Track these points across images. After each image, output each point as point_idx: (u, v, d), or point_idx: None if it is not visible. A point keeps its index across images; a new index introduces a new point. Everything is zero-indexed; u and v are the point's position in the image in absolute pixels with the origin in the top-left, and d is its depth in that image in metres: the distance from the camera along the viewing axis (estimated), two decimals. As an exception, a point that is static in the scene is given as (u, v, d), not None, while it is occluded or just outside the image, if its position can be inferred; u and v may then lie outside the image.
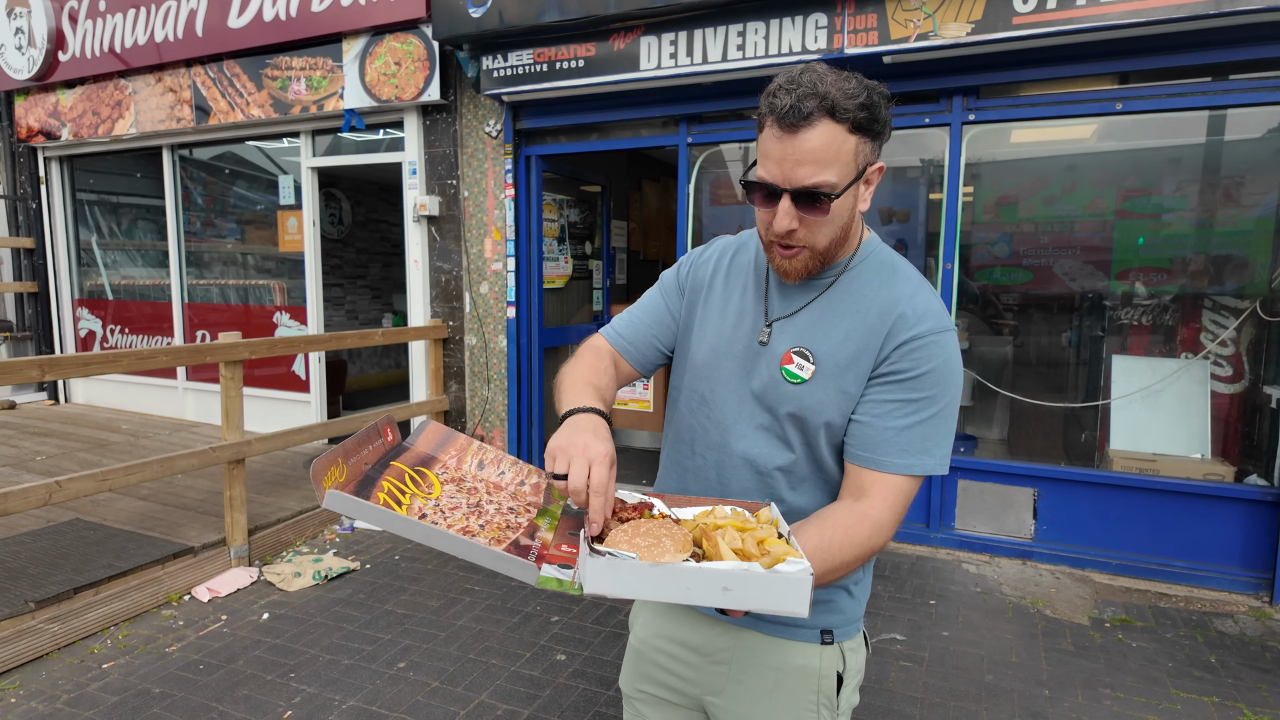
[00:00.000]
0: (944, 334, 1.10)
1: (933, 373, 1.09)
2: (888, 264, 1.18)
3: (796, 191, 1.03)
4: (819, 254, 1.12)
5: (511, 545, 0.94)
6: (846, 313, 1.15)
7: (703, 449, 1.25)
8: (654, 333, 1.34)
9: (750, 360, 1.20)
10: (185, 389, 6.79)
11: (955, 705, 2.73)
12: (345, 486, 0.93)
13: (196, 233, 6.82)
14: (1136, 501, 3.82)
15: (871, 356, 1.12)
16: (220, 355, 3.73)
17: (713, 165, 4.86)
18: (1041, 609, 3.50)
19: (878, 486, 1.09)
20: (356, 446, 1.01)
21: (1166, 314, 4.03)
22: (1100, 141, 4.06)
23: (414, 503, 0.98)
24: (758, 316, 1.21)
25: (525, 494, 1.13)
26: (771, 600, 0.81)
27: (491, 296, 5.32)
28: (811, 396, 1.14)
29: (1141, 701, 2.76)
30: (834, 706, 1.22)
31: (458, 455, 1.16)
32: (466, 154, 5.26)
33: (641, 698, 1.36)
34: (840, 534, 1.03)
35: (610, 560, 0.81)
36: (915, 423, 1.09)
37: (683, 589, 0.81)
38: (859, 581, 1.24)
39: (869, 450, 1.10)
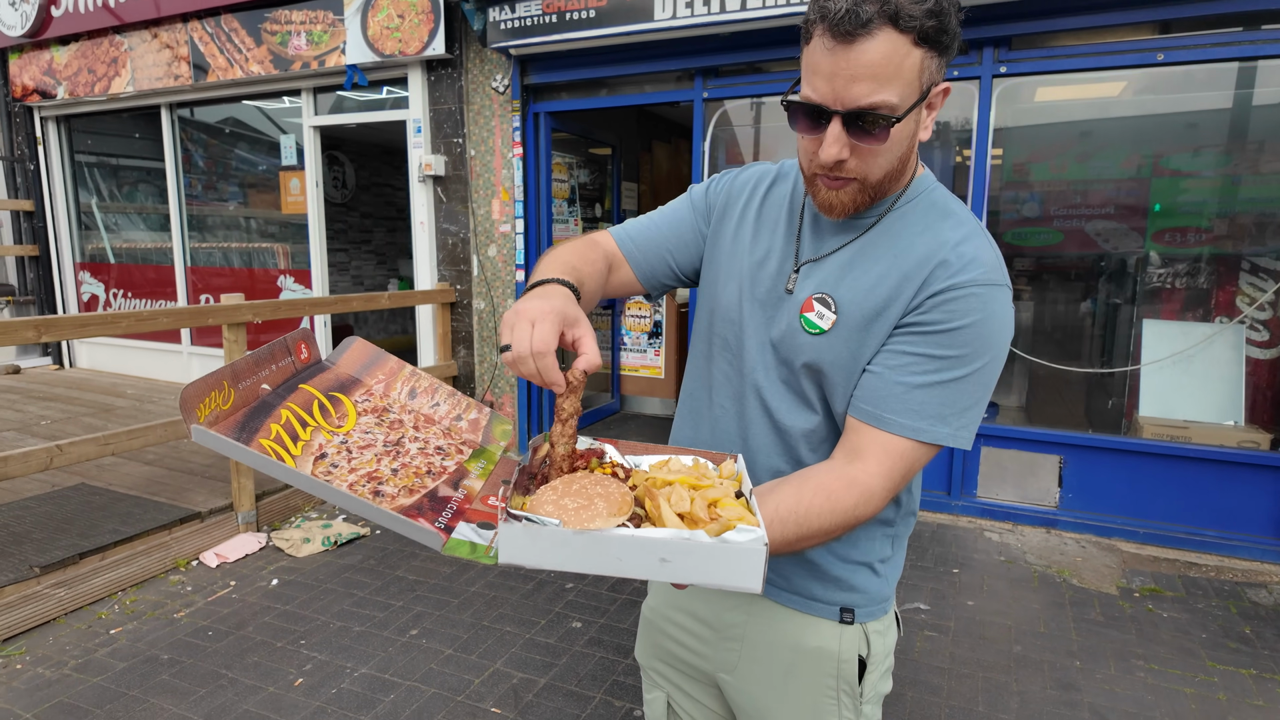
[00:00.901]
0: (990, 287, 0.94)
1: (968, 329, 0.93)
2: (940, 205, 1.02)
3: (850, 114, 0.88)
4: (870, 188, 0.96)
5: (426, 496, 0.80)
6: (882, 257, 1.00)
7: (722, 398, 1.13)
8: (670, 247, 1.18)
9: (773, 306, 1.07)
10: (190, 353, 6.70)
11: (984, 676, 2.66)
12: (226, 418, 0.77)
13: (198, 196, 6.67)
14: (1166, 469, 3.71)
15: (901, 305, 0.97)
16: (223, 318, 3.62)
17: (729, 122, 4.68)
18: (1068, 578, 3.41)
19: (875, 448, 0.95)
20: (253, 366, 0.84)
21: (1201, 277, 3.88)
22: (1137, 96, 3.88)
23: (315, 439, 0.83)
24: (786, 259, 1.08)
25: (461, 430, 0.98)
26: (717, 573, 0.69)
27: (500, 260, 5.18)
28: (830, 350, 1.00)
29: (1176, 674, 2.68)
30: (855, 693, 1.10)
31: (386, 380, 1.00)
32: (473, 111, 5.08)
33: (656, 669, 1.27)
34: (821, 499, 0.91)
35: (527, 527, 0.69)
36: (935, 383, 0.94)
37: (613, 559, 0.69)
38: (886, 559, 1.12)
39: (872, 404, 0.96)
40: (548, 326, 0.81)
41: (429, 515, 0.77)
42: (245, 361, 0.83)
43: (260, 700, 2.51)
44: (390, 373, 1.01)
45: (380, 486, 0.79)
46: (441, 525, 0.77)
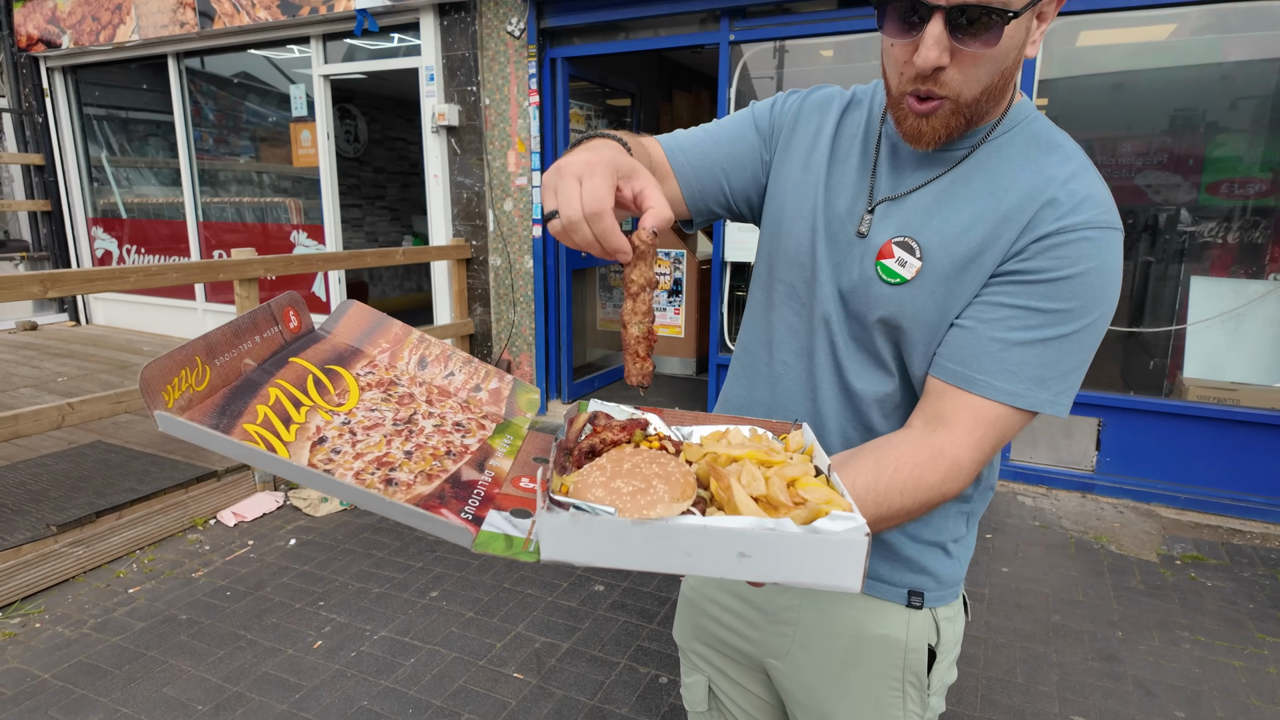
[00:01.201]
0: (1106, 231, 0.81)
1: (1079, 279, 0.80)
2: (1043, 137, 0.88)
3: (955, 8, 0.74)
4: (965, 109, 0.82)
5: (448, 482, 0.69)
6: (976, 194, 0.86)
7: (785, 354, 0.99)
8: (726, 166, 1.01)
9: (844, 252, 0.93)
10: (204, 310, 6.65)
11: (1022, 646, 2.57)
12: (202, 401, 0.64)
13: (209, 149, 6.53)
14: (1212, 433, 3.56)
15: (1000, 250, 0.83)
16: (234, 273, 3.51)
17: (757, 68, 4.45)
18: (1106, 544, 3.30)
19: (964, 414, 0.82)
20: (233, 338, 0.71)
21: (1256, 231, 3.67)
22: (1188, 39, 3.62)
23: (311, 420, 0.70)
24: (858, 196, 0.93)
25: (481, 402, 0.85)
26: (808, 569, 0.57)
27: (516, 214, 5.03)
28: (913, 302, 0.87)
29: (1224, 645, 2.57)
30: (923, 686, 1.00)
31: (391, 349, 0.87)
32: (487, 57, 4.88)
33: (697, 652, 1.17)
34: (904, 475, 0.78)
35: (576, 516, 0.56)
36: (1036, 339, 0.81)
37: (680, 555, 0.57)
38: (960, 538, 1.00)
39: (962, 363, 0.83)
40: (600, 180, 0.66)
41: (453, 505, 0.65)
42: (222, 333, 0.69)
43: (279, 663, 2.47)
44: (395, 340, 0.88)
45: (393, 474, 0.67)
46: (469, 516, 0.65)
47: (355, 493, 0.62)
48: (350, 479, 0.64)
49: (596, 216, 0.65)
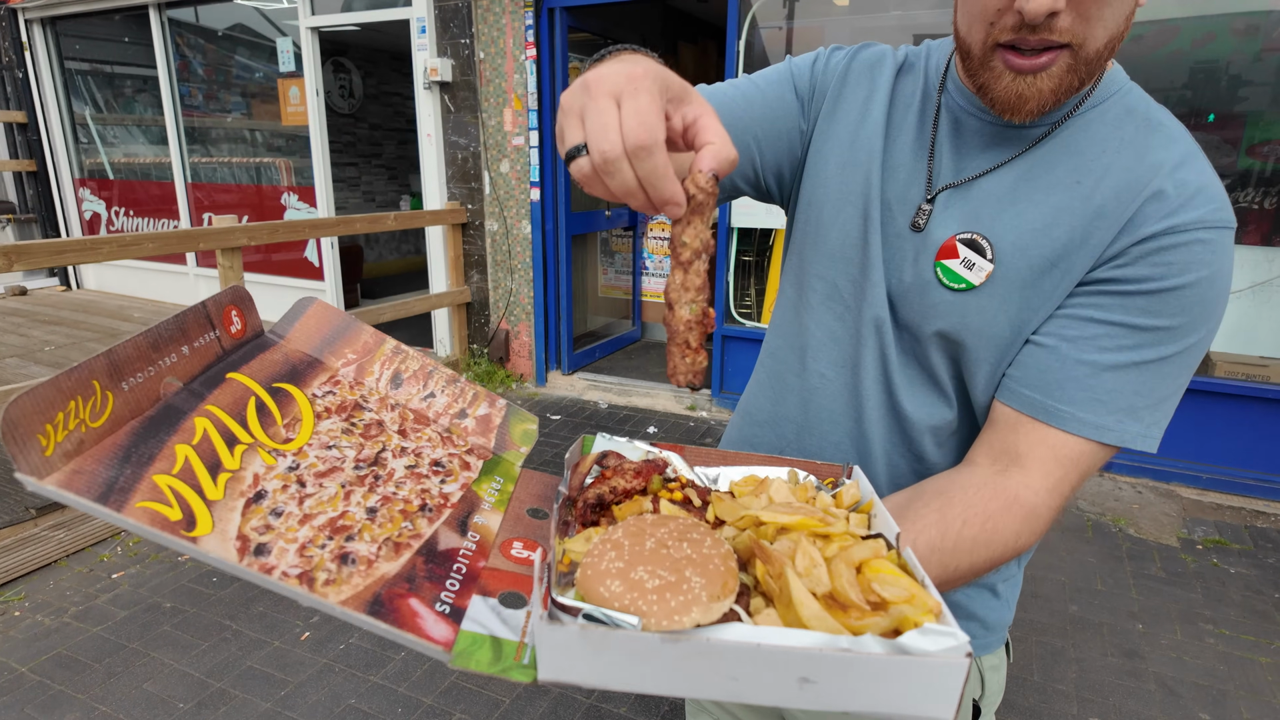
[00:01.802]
0: (1222, 231, 0.67)
1: (1189, 290, 0.66)
2: (1140, 113, 0.72)
3: None
4: (1083, 63, 0.64)
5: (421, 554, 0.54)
6: (1060, 182, 0.71)
7: (822, 364, 0.84)
8: (760, 133, 0.83)
9: (895, 247, 0.78)
10: (196, 275, 6.49)
11: (1038, 640, 2.46)
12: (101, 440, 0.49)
13: (197, 106, 6.29)
14: (1239, 411, 3.40)
15: (1092, 253, 0.69)
16: (215, 242, 3.35)
17: (768, 19, 4.19)
18: (1124, 527, 3.18)
19: (1042, 450, 0.69)
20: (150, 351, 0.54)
21: (1296, 196, 3.46)
22: (1238, -16, 3.35)
23: (249, 465, 0.55)
24: (913, 181, 0.77)
25: (466, 432, 0.70)
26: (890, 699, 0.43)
27: (513, 176, 4.81)
28: (980, 313, 0.73)
29: (1249, 640, 2.46)
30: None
31: (359, 361, 0.71)
32: (481, 7, 4.61)
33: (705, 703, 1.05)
34: (975, 528, 0.65)
35: (587, 631, 0.43)
36: (1133, 363, 0.67)
37: (725, 680, 0.43)
38: (1009, 578, 0.88)
39: (1042, 391, 0.69)
40: (647, 101, 0.48)
41: (425, 590, 0.51)
42: (135, 345, 0.53)
43: (265, 656, 2.38)
44: (364, 350, 0.72)
45: (349, 544, 0.52)
46: (446, 609, 0.51)
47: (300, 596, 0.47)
48: (292, 556, 0.49)
49: (645, 151, 0.48)
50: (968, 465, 0.74)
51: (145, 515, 0.46)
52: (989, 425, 0.74)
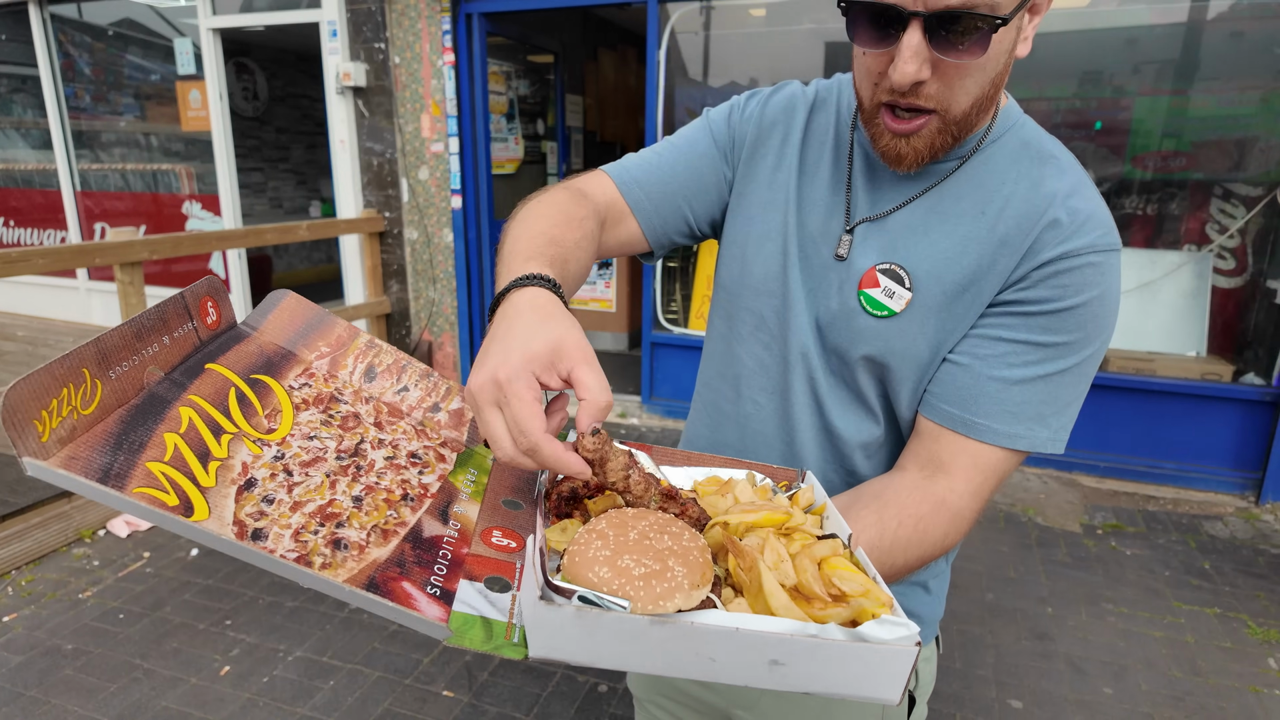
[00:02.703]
0: (1110, 254, 0.74)
1: (1083, 309, 0.73)
2: (1034, 145, 0.79)
3: (936, 15, 0.63)
4: (952, 124, 0.72)
5: (408, 540, 0.57)
6: (967, 213, 0.77)
7: (755, 392, 0.89)
8: (688, 194, 0.90)
9: (819, 277, 0.83)
10: (89, 289, 6.07)
11: (959, 629, 2.58)
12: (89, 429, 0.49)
13: (85, 108, 5.89)
14: (1129, 403, 3.67)
15: (999, 277, 0.75)
16: (113, 256, 3.14)
17: (687, 30, 4.25)
18: (1033, 516, 3.37)
19: (963, 459, 0.76)
20: (135, 340, 0.55)
21: (1174, 203, 3.75)
22: (1122, 6, 3.61)
23: (236, 454, 0.56)
24: (833, 214, 0.82)
25: (440, 425, 0.73)
26: (847, 682, 0.48)
27: (433, 183, 4.72)
28: (902, 338, 0.78)
29: (1145, 617, 2.65)
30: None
31: (332, 354, 0.72)
32: (396, 11, 4.50)
33: (657, 703, 1.08)
34: (909, 529, 0.72)
35: (582, 613, 0.47)
36: (1038, 376, 0.75)
37: (704, 660, 0.48)
38: (939, 574, 0.94)
39: (961, 406, 0.76)
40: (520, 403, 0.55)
41: (416, 575, 0.54)
42: (121, 334, 0.54)
43: (181, 695, 2.25)
44: (338, 343, 0.73)
45: (340, 530, 0.55)
46: (436, 592, 0.53)
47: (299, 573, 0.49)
48: (288, 540, 0.51)
49: (532, 452, 0.55)
50: (899, 471, 0.79)
51: (144, 499, 0.47)
52: (915, 436, 0.80)
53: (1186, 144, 3.63)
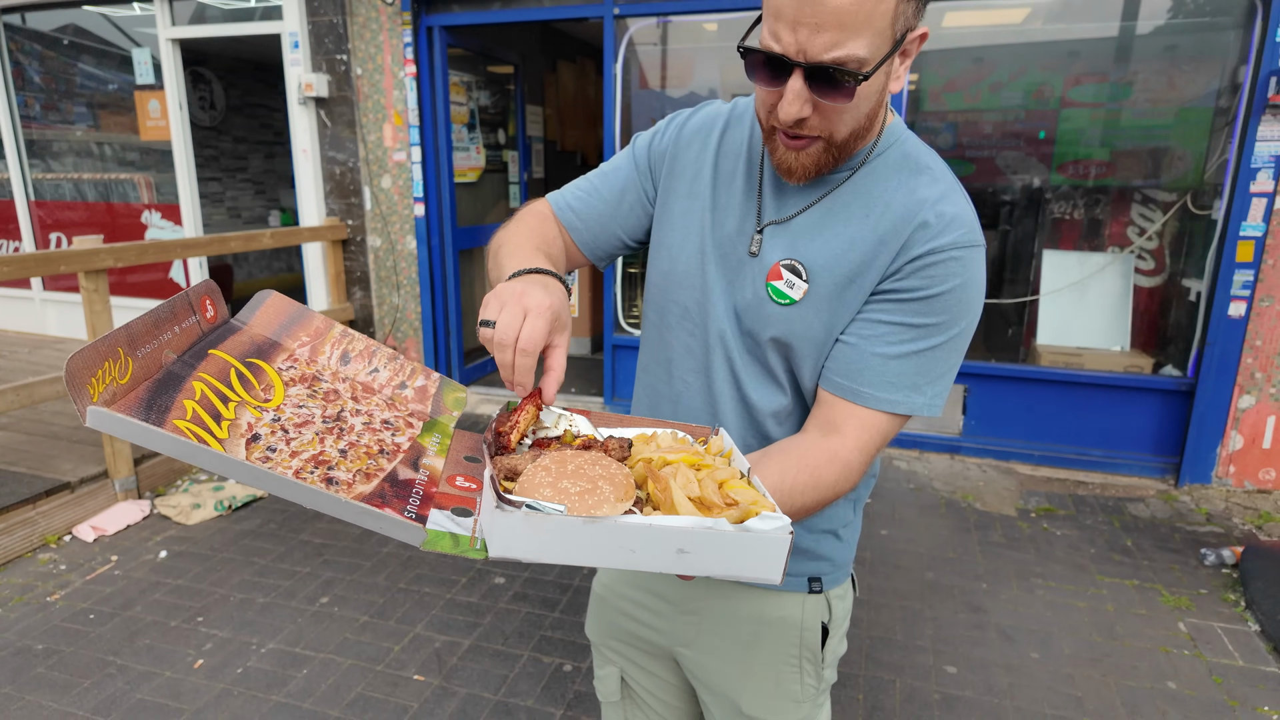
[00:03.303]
0: (971, 249, 0.89)
1: (949, 295, 0.88)
2: (913, 158, 0.94)
3: (812, 68, 0.77)
4: (835, 147, 0.87)
5: (386, 481, 0.69)
6: (854, 217, 0.92)
7: (684, 372, 1.04)
8: (616, 215, 1.07)
9: (736, 271, 0.98)
10: (44, 300, 6.00)
11: (901, 605, 2.76)
12: (127, 394, 0.62)
13: (36, 117, 5.84)
14: (1060, 394, 3.91)
15: (878, 271, 0.90)
16: (78, 264, 3.18)
17: (644, 42, 4.42)
18: (971, 502, 3.58)
19: (853, 422, 0.90)
20: (152, 329, 0.68)
21: (1098, 208, 4.02)
22: (1042, 25, 3.88)
23: (241, 417, 0.68)
24: (746, 217, 0.98)
25: (407, 400, 0.85)
26: (739, 564, 0.63)
27: (395, 191, 4.80)
28: (801, 321, 0.93)
29: (1070, 589, 2.86)
30: (818, 660, 1.09)
31: (312, 343, 0.85)
32: (357, 24, 4.59)
33: (610, 646, 1.22)
34: (805, 475, 0.86)
35: (529, 516, 0.60)
36: (912, 352, 0.89)
37: (625, 551, 0.61)
38: (848, 524, 1.09)
39: (849, 378, 0.91)
40: (542, 324, 0.75)
41: (395, 504, 0.66)
42: (143, 323, 0.67)
43: (156, 687, 2.31)
44: (316, 334, 0.85)
45: (331, 472, 0.66)
46: (412, 515, 0.65)
47: (302, 490, 0.61)
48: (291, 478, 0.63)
49: (524, 354, 0.74)
50: (802, 433, 0.94)
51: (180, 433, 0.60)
52: (815, 404, 0.95)
53: (1108, 153, 3.90)
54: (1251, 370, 3.57)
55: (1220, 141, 3.61)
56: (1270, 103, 3.26)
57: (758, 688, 1.07)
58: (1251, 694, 2.32)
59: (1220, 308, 3.54)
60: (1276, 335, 3.52)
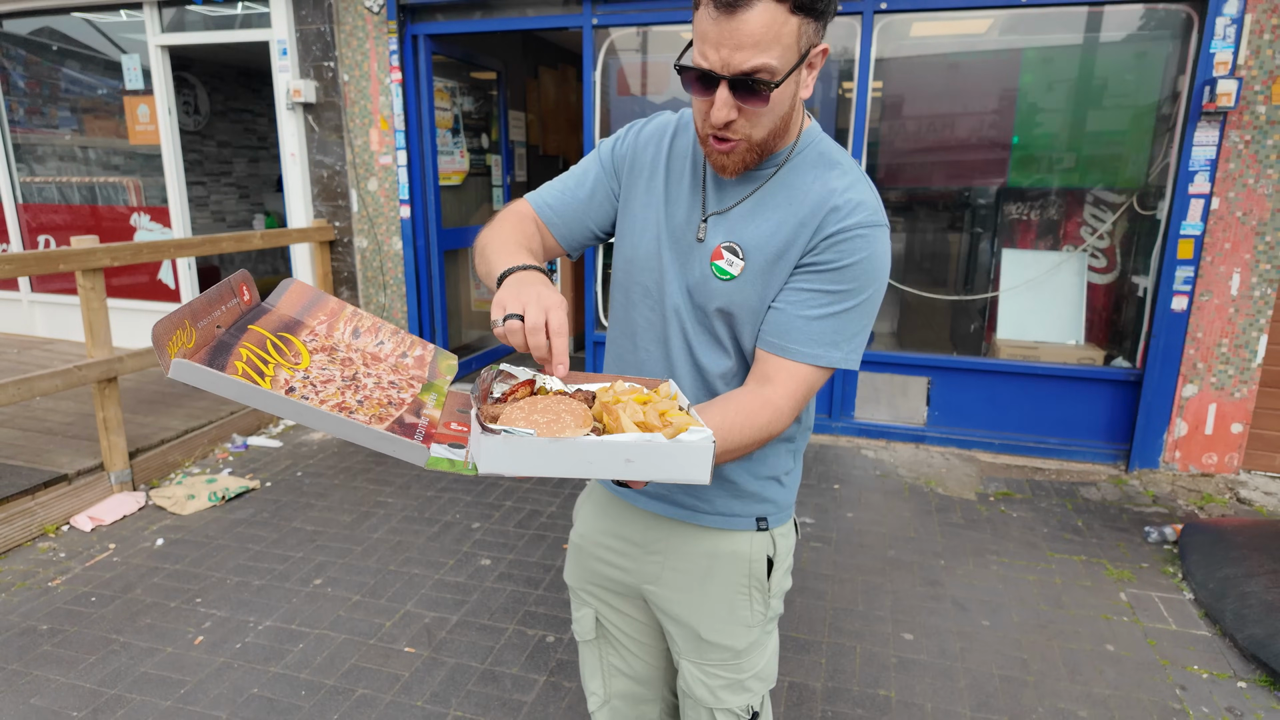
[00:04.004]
0: (874, 228, 1.07)
1: (856, 265, 1.06)
2: (827, 156, 1.13)
3: (734, 79, 0.96)
4: (756, 146, 1.06)
5: (395, 424, 0.85)
6: (780, 205, 1.10)
7: (646, 342, 1.21)
8: (588, 211, 1.25)
9: (686, 255, 1.16)
10: (31, 302, 6.06)
11: (863, 579, 2.94)
12: (194, 354, 0.79)
13: (20, 122, 5.91)
14: (1018, 386, 4.12)
15: (800, 248, 1.08)
16: (76, 263, 3.30)
17: (622, 50, 4.59)
18: (934, 488, 3.77)
19: (783, 374, 1.08)
20: (207, 307, 0.86)
21: (1053, 209, 4.24)
22: (1001, 36, 4.10)
23: (279, 374, 0.86)
24: (693, 209, 1.16)
25: (408, 367, 1.03)
26: (674, 469, 0.79)
27: (381, 194, 4.94)
28: (740, 293, 1.11)
29: (1023, 564, 3.06)
30: (765, 589, 1.26)
31: (328, 321, 1.02)
32: (344, 32, 4.73)
33: (586, 589, 1.39)
34: (742, 417, 1.02)
35: (507, 438, 0.77)
36: (829, 314, 1.07)
37: (584, 463, 0.78)
38: (789, 471, 1.27)
39: (778, 337, 1.08)
40: (564, 313, 0.90)
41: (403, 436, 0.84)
42: (200, 301, 0.84)
43: (159, 661, 2.44)
44: (331, 313, 1.02)
45: (353, 416, 0.84)
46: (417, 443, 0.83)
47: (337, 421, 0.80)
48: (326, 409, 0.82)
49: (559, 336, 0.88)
50: (742, 387, 1.12)
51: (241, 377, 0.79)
52: (754, 362, 1.13)
53: (1063, 157, 4.12)
54: (1194, 361, 3.80)
55: (1163, 146, 3.84)
56: (1204, 110, 3.49)
57: (713, 612, 1.24)
58: (1182, 654, 2.52)
59: (1164, 302, 3.77)
60: (1216, 328, 3.75)
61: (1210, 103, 3.43)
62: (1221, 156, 3.58)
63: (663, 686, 1.43)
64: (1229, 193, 3.61)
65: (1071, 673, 2.42)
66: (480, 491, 3.71)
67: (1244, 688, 2.35)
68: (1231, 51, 3.48)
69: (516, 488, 3.75)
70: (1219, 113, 3.51)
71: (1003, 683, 2.37)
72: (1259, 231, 3.61)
